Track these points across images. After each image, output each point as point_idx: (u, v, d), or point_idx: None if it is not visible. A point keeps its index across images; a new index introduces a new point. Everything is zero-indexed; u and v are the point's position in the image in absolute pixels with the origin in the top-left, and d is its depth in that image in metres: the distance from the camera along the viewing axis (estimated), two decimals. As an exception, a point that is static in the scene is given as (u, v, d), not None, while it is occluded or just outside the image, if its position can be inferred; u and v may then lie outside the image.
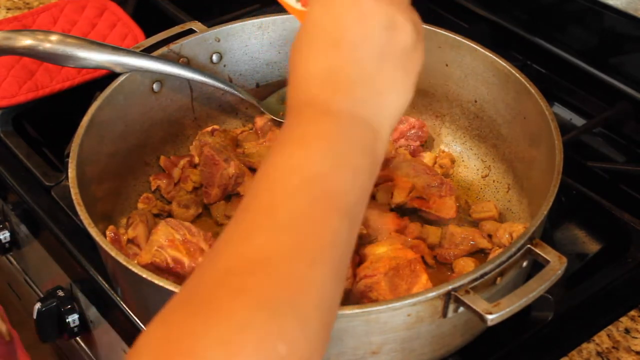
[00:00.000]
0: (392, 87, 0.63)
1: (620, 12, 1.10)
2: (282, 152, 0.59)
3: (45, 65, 1.14)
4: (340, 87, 0.62)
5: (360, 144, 0.61)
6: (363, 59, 0.62)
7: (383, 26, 0.62)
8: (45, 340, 0.99)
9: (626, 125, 1.13)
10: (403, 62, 0.64)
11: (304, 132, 0.60)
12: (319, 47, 0.63)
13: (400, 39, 0.63)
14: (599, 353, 0.82)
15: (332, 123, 0.60)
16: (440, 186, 0.97)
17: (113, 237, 0.87)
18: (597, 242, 0.97)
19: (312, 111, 0.61)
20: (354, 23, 0.62)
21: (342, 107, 0.61)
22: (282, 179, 0.57)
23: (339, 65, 0.62)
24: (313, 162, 0.58)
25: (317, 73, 0.62)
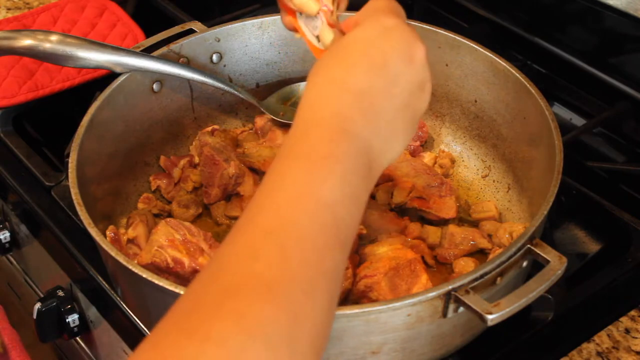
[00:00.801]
0: (402, 133, 0.65)
1: (620, 12, 1.11)
2: (294, 167, 0.58)
3: (45, 65, 1.14)
4: (369, 112, 0.62)
5: (367, 176, 0.61)
6: (395, 96, 0.63)
7: (419, 83, 0.65)
8: (45, 340, 0.99)
9: (626, 125, 1.13)
10: (416, 119, 0.66)
11: (320, 149, 0.59)
12: (365, 63, 0.63)
13: (421, 102, 0.66)
14: (599, 353, 0.82)
15: (349, 146, 0.60)
16: (440, 186, 0.97)
17: (113, 237, 0.87)
18: (597, 242, 0.97)
19: (336, 126, 0.60)
20: (403, 60, 0.64)
21: (362, 133, 0.61)
22: (291, 200, 0.56)
23: (377, 90, 0.63)
24: (327, 188, 0.57)
25: (352, 88, 0.62)
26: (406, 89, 0.64)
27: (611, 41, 1.16)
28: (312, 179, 0.57)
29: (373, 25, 0.65)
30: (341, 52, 0.64)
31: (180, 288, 0.70)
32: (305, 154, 0.59)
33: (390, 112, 0.63)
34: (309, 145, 0.59)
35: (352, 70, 0.63)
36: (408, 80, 0.64)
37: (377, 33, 0.64)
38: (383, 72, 0.63)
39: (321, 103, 0.62)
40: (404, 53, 0.64)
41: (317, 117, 0.61)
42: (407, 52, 0.64)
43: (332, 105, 0.61)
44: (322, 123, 0.60)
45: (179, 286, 0.70)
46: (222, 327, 0.49)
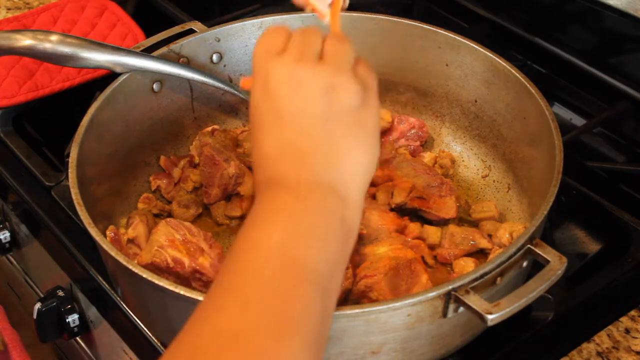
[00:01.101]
0: (350, 147, 0.63)
1: (620, 12, 1.11)
2: (248, 232, 0.60)
3: (45, 65, 1.14)
4: (294, 159, 0.62)
5: (326, 212, 0.61)
6: (309, 126, 0.62)
7: (321, 92, 0.63)
8: (45, 340, 0.99)
9: (626, 125, 1.13)
10: (354, 120, 0.63)
11: (266, 209, 0.61)
12: (265, 125, 0.64)
13: (343, 100, 0.63)
14: (599, 353, 0.82)
15: (290, 196, 0.61)
16: (440, 186, 0.97)
17: (113, 237, 0.87)
18: (597, 242, 0.97)
19: (273, 188, 0.62)
20: (291, 95, 0.63)
21: (300, 178, 0.61)
22: (249, 255, 0.58)
23: (288, 138, 0.63)
24: (276, 234, 0.58)
25: (269, 152, 0.63)
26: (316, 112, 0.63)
27: (611, 41, 1.16)
28: (260, 231, 0.59)
29: (254, 89, 0.66)
30: (251, 135, 0.66)
31: (180, 288, 0.70)
32: (251, 222, 0.61)
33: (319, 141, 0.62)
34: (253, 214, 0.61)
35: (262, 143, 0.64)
36: (309, 105, 0.63)
37: (259, 95, 0.65)
38: (283, 123, 0.63)
39: (258, 180, 0.64)
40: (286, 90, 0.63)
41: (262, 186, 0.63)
42: (288, 87, 0.63)
43: (262, 179, 0.63)
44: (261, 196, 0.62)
45: (179, 286, 0.70)
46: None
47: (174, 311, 0.75)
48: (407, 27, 1.04)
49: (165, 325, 0.80)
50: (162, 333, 0.83)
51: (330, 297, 0.58)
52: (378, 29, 1.04)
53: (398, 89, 1.08)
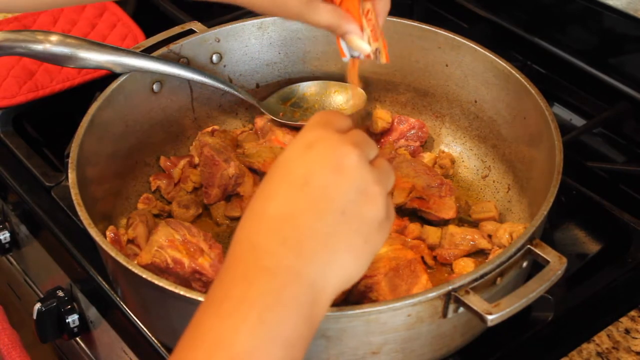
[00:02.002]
0: (347, 251, 0.59)
1: (620, 12, 1.11)
2: (212, 313, 0.56)
3: (45, 66, 1.15)
4: (290, 236, 0.58)
5: (296, 311, 0.56)
6: (325, 211, 0.59)
7: (357, 188, 0.60)
8: (45, 340, 0.99)
9: (626, 125, 1.13)
10: (366, 231, 0.60)
11: (236, 292, 0.56)
12: (285, 181, 0.60)
13: (368, 208, 0.60)
14: (599, 353, 0.82)
15: (269, 284, 0.56)
16: (440, 186, 0.97)
17: (113, 237, 0.87)
18: (597, 242, 0.97)
19: (252, 262, 0.57)
20: (328, 171, 0.59)
21: (284, 263, 0.57)
22: (208, 354, 0.54)
23: (298, 208, 0.59)
24: (243, 335, 0.54)
25: (272, 211, 0.59)
26: (339, 200, 0.59)
27: (611, 41, 1.16)
28: (227, 328, 0.54)
29: (295, 143, 0.62)
30: (264, 181, 0.61)
31: (179, 288, 0.70)
32: (221, 299, 0.56)
33: (323, 230, 0.58)
34: (226, 289, 0.57)
35: (271, 198, 0.60)
36: (339, 190, 0.59)
37: (298, 151, 0.61)
38: (305, 191, 0.59)
39: (242, 238, 0.59)
40: (328, 164, 0.60)
41: (238, 255, 0.58)
42: (332, 162, 0.60)
43: (251, 239, 0.58)
44: (242, 261, 0.58)
45: (178, 286, 0.70)
46: None
47: (174, 311, 0.75)
48: (407, 27, 1.04)
49: (165, 325, 0.80)
50: (162, 333, 0.83)
51: None
52: (378, 29, 1.04)
53: (398, 89, 1.08)
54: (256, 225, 0.59)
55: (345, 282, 0.60)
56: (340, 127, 0.63)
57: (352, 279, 0.60)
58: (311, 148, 0.61)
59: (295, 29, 1.07)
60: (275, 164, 0.62)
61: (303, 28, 1.07)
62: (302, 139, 0.62)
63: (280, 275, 0.56)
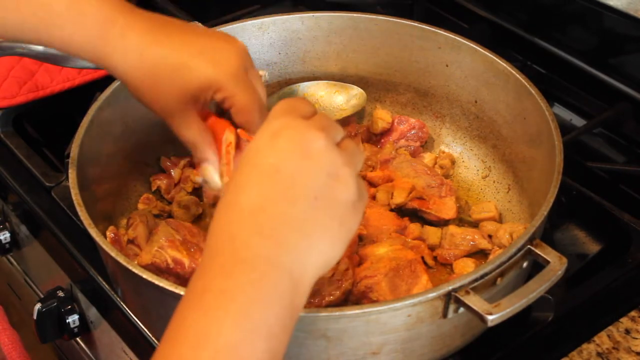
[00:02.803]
0: (323, 236, 0.59)
1: (620, 13, 1.11)
2: (193, 308, 0.56)
3: (45, 66, 1.14)
4: (265, 226, 0.57)
5: (277, 301, 0.56)
6: (297, 197, 0.58)
7: (326, 172, 0.59)
8: (45, 340, 0.99)
9: (626, 125, 1.13)
10: (340, 213, 0.60)
11: (215, 286, 0.56)
12: (255, 173, 0.60)
13: (340, 191, 0.60)
14: (599, 353, 0.82)
15: (248, 274, 0.56)
16: (440, 187, 0.97)
17: (113, 237, 0.87)
18: (597, 242, 0.97)
19: (229, 254, 0.57)
20: (297, 157, 0.59)
21: (261, 253, 0.57)
22: (193, 349, 0.54)
23: (271, 197, 0.58)
24: (226, 329, 0.54)
25: (245, 206, 0.59)
26: (311, 185, 0.59)
27: (611, 41, 1.16)
28: (207, 322, 0.54)
29: (261, 133, 0.62)
30: (236, 172, 0.61)
31: (180, 288, 0.70)
32: (201, 292, 0.56)
33: (297, 217, 0.58)
34: (206, 281, 0.56)
35: (242, 188, 0.59)
36: (310, 175, 0.59)
37: (265, 140, 0.61)
38: (276, 179, 0.59)
39: (217, 231, 0.59)
40: (296, 150, 0.59)
41: (214, 248, 0.58)
42: (300, 148, 0.59)
43: (225, 230, 0.58)
44: (218, 253, 0.57)
45: (178, 287, 0.70)
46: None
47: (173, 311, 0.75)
48: (407, 28, 1.04)
49: (165, 325, 0.80)
50: (162, 333, 0.83)
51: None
52: (378, 30, 1.05)
53: (398, 89, 1.08)
54: (231, 216, 0.59)
55: (323, 267, 0.60)
56: (305, 113, 0.63)
57: (329, 263, 0.60)
58: (278, 136, 0.60)
59: (296, 29, 1.07)
60: (244, 154, 0.62)
61: (303, 28, 1.07)
62: (268, 128, 0.61)
63: (259, 266, 0.56)
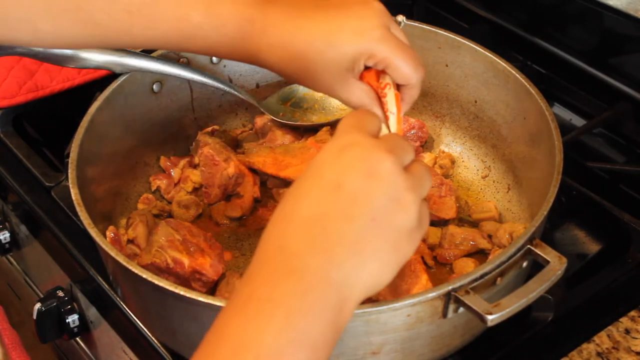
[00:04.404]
0: (374, 258, 0.58)
1: (620, 12, 1.10)
2: (237, 313, 0.55)
3: (45, 66, 1.14)
4: (318, 239, 0.57)
5: (322, 315, 0.55)
6: (355, 216, 0.58)
7: (389, 195, 0.59)
8: (45, 340, 0.99)
9: (626, 125, 1.13)
10: (394, 238, 0.59)
11: (262, 293, 0.55)
12: (316, 188, 0.59)
13: (400, 217, 0.59)
14: (599, 353, 0.82)
15: (296, 285, 0.55)
16: (440, 186, 0.97)
17: (113, 237, 0.87)
18: (597, 242, 0.97)
19: (279, 263, 0.56)
20: (360, 177, 0.59)
21: (311, 265, 0.56)
22: (233, 354, 0.53)
23: (329, 211, 0.58)
24: (269, 336, 0.53)
25: (301, 216, 0.58)
26: (371, 206, 0.58)
27: (611, 41, 1.16)
28: (251, 329, 0.53)
29: (329, 147, 0.61)
30: (295, 183, 0.61)
31: (180, 288, 0.70)
32: (247, 299, 0.55)
33: (352, 235, 0.57)
34: (252, 289, 0.56)
35: (302, 198, 0.59)
36: (371, 196, 0.58)
37: (332, 155, 0.60)
38: (336, 194, 0.58)
39: (270, 238, 0.59)
40: (361, 169, 0.59)
41: (265, 255, 0.58)
42: (365, 168, 0.59)
43: (279, 239, 0.58)
44: (268, 262, 0.57)
45: (178, 287, 0.70)
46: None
47: (174, 311, 0.75)
48: (407, 27, 1.03)
49: (165, 325, 0.80)
50: (162, 333, 0.83)
51: None
52: (378, 29, 1.04)
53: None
54: (285, 227, 0.58)
55: (370, 290, 0.59)
56: (373, 129, 0.63)
57: (377, 286, 0.59)
58: (345, 152, 0.60)
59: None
60: (309, 166, 0.61)
61: (303, 28, 1.07)
62: (336, 142, 0.61)
63: (307, 277, 0.56)
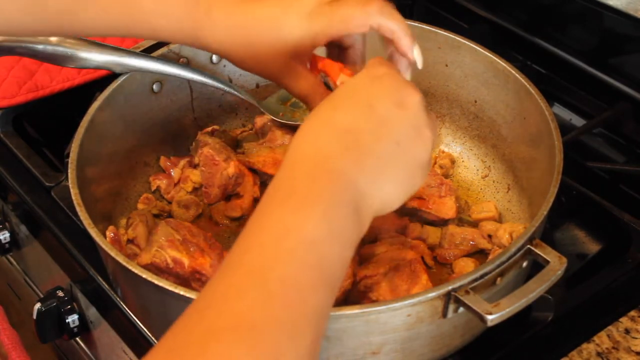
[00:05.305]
0: (391, 179, 0.63)
1: (620, 12, 1.10)
2: (277, 205, 0.58)
3: (45, 66, 1.14)
4: (352, 147, 0.61)
5: (353, 218, 0.60)
6: (383, 136, 0.63)
7: (413, 126, 0.65)
8: (45, 340, 0.99)
9: (626, 125, 1.13)
10: (411, 165, 0.65)
11: (302, 188, 0.59)
12: (351, 103, 0.64)
13: (419, 148, 0.65)
14: (599, 353, 0.82)
15: (331, 184, 0.59)
16: (440, 186, 0.97)
17: (113, 237, 0.87)
18: (597, 242, 0.97)
19: (315, 163, 0.60)
20: (391, 104, 0.64)
21: (347, 169, 0.60)
22: (276, 239, 0.56)
23: (363, 129, 0.62)
24: (310, 226, 0.57)
25: (337, 124, 0.63)
26: (397, 131, 0.64)
27: (611, 41, 1.16)
28: (295, 218, 0.57)
29: (362, 74, 0.67)
30: (331, 97, 0.66)
31: (180, 288, 0.70)
32: (287, 193, 0.59)
33: (379, 152, 0.62)
34: (291, 184, 0.59)
35: (338, 110, 0.64)
36: (399, 123, 0.64)
37: (366, 80, 0.66)
38: (369, 113, 0.63)
39: (305, 141, 0.62)
40: (393, 97, 0.65)
41: (300, 155, 0.61)
42: (397, 97, 0.65)
43: (315, 142, 0.62)
44: (305, 161, 0.61)
45: (178, 287, 0.70)
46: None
47: (174, 311, 0.75)
48: (407, 28, 1.03)
49: (165, 325, 0.79)
50: (162, 333, 0.83)
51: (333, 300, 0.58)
52: (378, 29, 1.04)
53: (398, 89, 1.08)
54: (320, 132, 0.63)
55: (381, 209, 0.63)
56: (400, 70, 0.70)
57: (387, 207, 0.64)
58: (379, 80, 0.66)
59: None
60: (343, 87, 0.66)
61: (303, 28, 1.07)
62: (370, 71, 0.67)
63: (342, 179, 0.60)
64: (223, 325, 0.51)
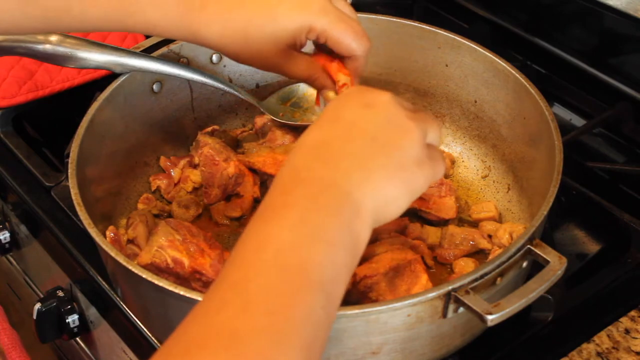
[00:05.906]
0: (379, 171, 0.62)
1: (620, 12, 1.10)
2: (257, 222, 0.59)
3: (45, 66, 1.15)
4: (324, 155, 0.62)
5: (336, 216, 0.59)
6: (355, 136, 0.63)
7: (388, 120, 0.64)
8: (45, 340, 0.99)
9: (626, 125, 1.13)
10: (398, 157, 0.63)
11: (278, 201, 0.60)
12: (320, 121, 0.66)
13: (404, 141, 0.64)
14: (599, 353, 0.82)
15: (305, 189, 0.60)
16: (440, 186, 0.97)
17: (113, 237, 0.87)
18: (597, 242, 0.97)
19: (289, 178, 0.62)
20: (358, 107, 0.65)
21: (320, 174, 0.61)
22: (255, 250, 0.57)
23: (331, 136, 0.63)
24: (286, 231, 0.57)
25: (308, 143, 0.64)
26: (370, 128, 0.64)
27: (611, 41, 1.16)
28: (271, 227, 0.58)
29: (337, 100, 0.69)
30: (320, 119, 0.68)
31: (180, 288, 0.70)
32: (264, 208, 0.60)
33: (353, 151, 0.62)
34: (269, 201, 0.61)
35: (308, 133, 0.65)
36: (369, 120, 0.64)
37: (336, 100, 0.68)
38: (335, 122, 0.65)
39: (282, 167, 0.64)
40: (359, 102, 0.66)
41: (278, 178, 0.63)
42: (363, 101, 0.66)
43: (289, 164, 0.63)
44: (280, 180, 0.62)
45: (178, 287, 0.70)
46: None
47: (173, 311, 0.75)
48: (407, 28, 1.04)
49: (165, 325, 0.80)
50: (162, 333, 0.83)
51: (331, 304, 0.57)
52: (378, 30, 1.04)
53: (398, 89, 1.08)
54: (293, 154, 0.64)
55: (384, 205, 0.62)
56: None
57: (391, 203, 0.63)
58: (345, 95, 0.69)
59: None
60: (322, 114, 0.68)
61: (303, 28, 1.07)
62: (343, 96, 0.69)
63: (317, 183, 0.60)
64: (205, 336, 0.52)
